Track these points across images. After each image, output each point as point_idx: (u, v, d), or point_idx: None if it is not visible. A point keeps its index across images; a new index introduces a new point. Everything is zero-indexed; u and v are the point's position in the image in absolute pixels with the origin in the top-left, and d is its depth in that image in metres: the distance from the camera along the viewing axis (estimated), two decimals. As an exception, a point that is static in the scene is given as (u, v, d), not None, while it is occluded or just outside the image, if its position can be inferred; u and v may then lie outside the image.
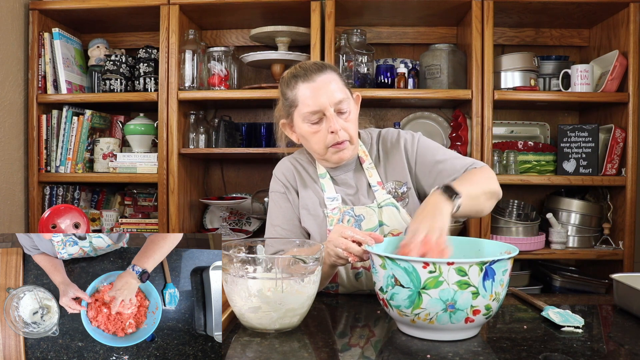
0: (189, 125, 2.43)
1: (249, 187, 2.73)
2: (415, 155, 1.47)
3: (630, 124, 2.23)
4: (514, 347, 1.01)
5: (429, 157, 1.46)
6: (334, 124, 1.37)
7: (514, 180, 2.28)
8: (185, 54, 2.33)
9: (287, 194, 1.50)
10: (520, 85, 2.34)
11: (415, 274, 0.98)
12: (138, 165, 2.38)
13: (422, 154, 1.47)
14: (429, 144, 1.49)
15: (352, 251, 1.18)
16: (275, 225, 1.49)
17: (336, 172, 1.50)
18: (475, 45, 2.24)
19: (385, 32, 2.62)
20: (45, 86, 2.41)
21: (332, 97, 1.38)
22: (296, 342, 1.03)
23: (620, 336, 1.10)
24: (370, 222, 1.42)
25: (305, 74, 1.40)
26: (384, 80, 2.39)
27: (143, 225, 2.44)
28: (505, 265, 1.02)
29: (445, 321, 0.99)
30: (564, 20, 2.47)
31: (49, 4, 2.36)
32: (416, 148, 1.47)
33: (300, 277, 1.07)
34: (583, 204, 2.37)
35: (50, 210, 1.41)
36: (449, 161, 1.43)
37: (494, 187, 1.37)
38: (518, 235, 2.31)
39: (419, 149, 1.47)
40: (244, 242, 1.21)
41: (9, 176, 2.32)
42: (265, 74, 2.69)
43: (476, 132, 2.25)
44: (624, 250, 2.26)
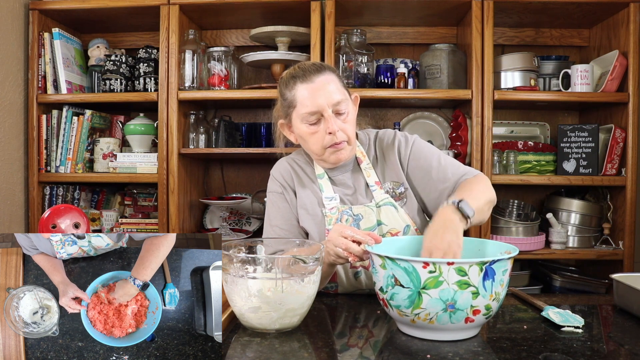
0: (189, 125, 2.43)
1: (249, 187, 2.73)
2: (407, 159, 1.47)
3: (630, 124, 2.23)
4: (514, 347, 1.01)
5: (422, 161, 1.46)
6: (332, 124, 1.37)
7: (514, 180, 2.28)
8: (185, 54, 2.33)
9: (284, 194, 1.51)
10: (520, 85, 2.34)
11: (415, 274, 0.98)
12: (138, 165, 2.38)
13: (414, 158, 1.47)
14: (422, 149, 1.48)
15: (352, 251, 1.18)
16: (273, 226, 1.49)
17: (334, 172, 1.50)
18: (475, 45, 2.24)
19: (385, 32, 2.62)
20: (45, 86, 2.41)
21: (331, 98, 1.38)
22: (296, 342, 1.03)
23: (620, 336, 1.10)
24: (368, 221, 1.42)
25: (304, 75, 1.40)
26: (384, 80, 2.39)
27: (143, 225, 2.44)
28: (505, 265, 1.02)
29: (445, 321, 0.99)
30: (564, 20, 2.47)
31: (49, 4, 2.36)
32: (409, 152, 1.47)
33: (300, 277, 1.07)
34: (583, 204, 2.37)
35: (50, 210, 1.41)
36: (441, 168, 1.43)
37: (493, 196, 1.38)
38: (518, 235, 2.31)
39: (412, 153, 1.47)
40: (244, 242, 1.21)
41: (9, 176, 2.32)
42: (265, 74, 2.69)
43: (476, 132, 2.25)
44: (624, 250, 2.26)
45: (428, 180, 1.43)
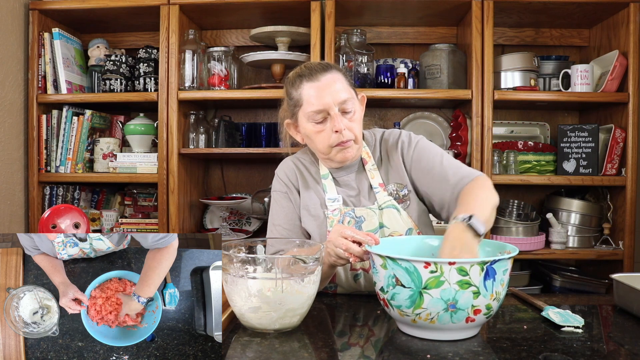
0: (189, 125, 2.43)
1: (249, 187, 2.73)
2: (410, 160, 1.46)
3: (630, 124, 2.23)
4: (514, 347, 1.01)
5: (423, 163, 1.44)
6: (338, 123, 1.37)
7: (514, 180, 2.28)
8: (185, 54, 2.33)
9: (288, 194, 1.50)
10: (520, 85, 2.34)
11: (416, 274, 0.98)
12: (138, 165, 2.38)
13: (417, 159, 1.46)
14: (425, 150, 1.47)
15: (353, 251, 1.17)
16: (276, 225, 1.49)
17: (339, 173, 1.50)
18: (475, 45, 2.24)
19: (385, 32, 2.62)
20: (45, 86, 2.41)
21: (337, 96, 1.37)
22: (296, 342, 1.03)
23: (620, 336, 1.10)
24: (370, 223, 1.42)
25: (310, 74, 1.40)
26: (384, 80, 2.39)
27: (143, 225, 2.44)
28: (506, 264, 1.02)
29: (446, 321, 0.99)
30: (564, 20, 2.47)
31: (49, 4, 2.36)
32: (412, 152, 1.47)
33: (300, 277, 1.07)
34: (583, 204, 2.37)
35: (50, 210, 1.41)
36: (443, 170, 1.41)
37: (496, 200, 1.34)
38: (518, 235, 2.31)
39: (415, 153, 1.46)
40: (244, 242, 1.21)
41: (9, 176, 2.32)
42: (265, 74, 2.69)
43: (476, 132, 2.25)
44: (624, 250, 2.26)
45: (431, 181, 1.42)
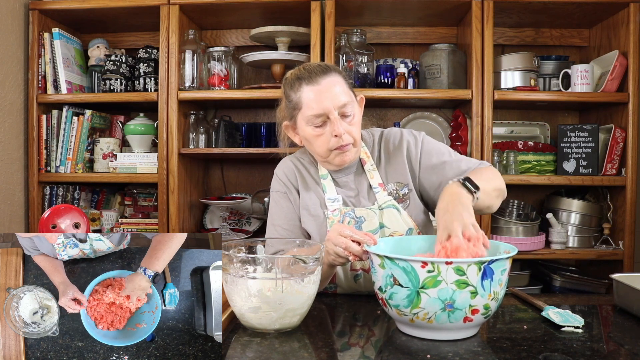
0: (189, 125, 2.43)
1: (249, 187, 2.73)
2: (419, 158, 1.46)
3: (630, 124, 2.23)
4: (514, 347, 1.01)
5: (434, 159, 1.45)
6: (337, 127, 1.36)
7: (514, 180, 2.28)
8: (185, 54, 2.33)
9: (287, 194, 1.50)
10: (520, 85, 2.34)
11: (414, 274, 0.98)
12: (138, 165, 2.39)
13: (426, 157, 1.46)
14: (432, 145, 1.48)
15: (352, 250, 1.17)
16: (276, 225, 1.49)
17: (338, 174, 1.49)
18: (475, 45, 2.24)
19: (385, 32, 2.62)
20: (45, 86, 2.41)
21: (337, 100, 1.36)
22: (296, 342, 1.03)
23: (620, 336, 1.10)
24: (371, 224, 1.42)
25: (310, 77, 1.38)
26: (384, 80, 2.39)
27: (143, 225, 2.44)
28: (504, 264, 1.02)
29: (443, 320, 0.99)
30: (564, 20, 2.47)
31: (49, 4, 2.37)
32: (420, 150, 1.46)
33: (300, 277, 1.07)
34: (583, 204, 2.37)
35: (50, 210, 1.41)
36: (454, 163, 1.42)
37: (502, 185, 1.37)
38: (518, 235, 2.31)
39: (423, 151, 1.46)
40: (244, 242, 1.21)
41: (9, 176, 2.32)
42: (265, 74, 2.69)
43: (476, 132, 2.25)
44: (624, 250, 2.26)
45: (442, 176, 1.42)
